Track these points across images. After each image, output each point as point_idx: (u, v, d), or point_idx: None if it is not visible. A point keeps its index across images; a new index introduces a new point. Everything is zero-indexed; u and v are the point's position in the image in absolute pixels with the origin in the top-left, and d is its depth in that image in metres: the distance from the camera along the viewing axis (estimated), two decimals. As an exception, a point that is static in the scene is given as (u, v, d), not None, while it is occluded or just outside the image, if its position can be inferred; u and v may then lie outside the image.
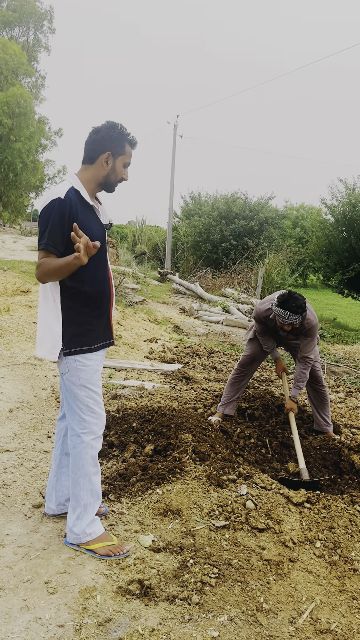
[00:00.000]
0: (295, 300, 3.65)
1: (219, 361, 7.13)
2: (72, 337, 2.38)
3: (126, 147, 2.42)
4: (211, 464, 3.27)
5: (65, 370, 2.42)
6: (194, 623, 2.11)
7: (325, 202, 15.30)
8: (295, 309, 3.64)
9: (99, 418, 2.50)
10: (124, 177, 2.48)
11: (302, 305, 3.65)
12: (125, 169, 2.47)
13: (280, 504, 2.93)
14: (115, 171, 2.43)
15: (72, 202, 2.27)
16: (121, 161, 2.43)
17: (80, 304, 2.39)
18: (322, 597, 2.32)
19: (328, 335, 11.26)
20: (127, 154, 2.44)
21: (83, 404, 2.43)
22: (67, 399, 2.48)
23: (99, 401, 2.49)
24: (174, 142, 24.90)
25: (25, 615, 2.09)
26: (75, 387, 2.42)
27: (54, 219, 2.22)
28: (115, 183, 2.47)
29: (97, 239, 2.38)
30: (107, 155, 2.38)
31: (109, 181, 2.44)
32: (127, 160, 2.45)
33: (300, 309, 3.64)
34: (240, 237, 21.06)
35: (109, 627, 2.06)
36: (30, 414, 4.25)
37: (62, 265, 2.16)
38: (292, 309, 3.64)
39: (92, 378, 2.44)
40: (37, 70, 31.80)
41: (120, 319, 8.74)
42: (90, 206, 2.40)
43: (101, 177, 2.42)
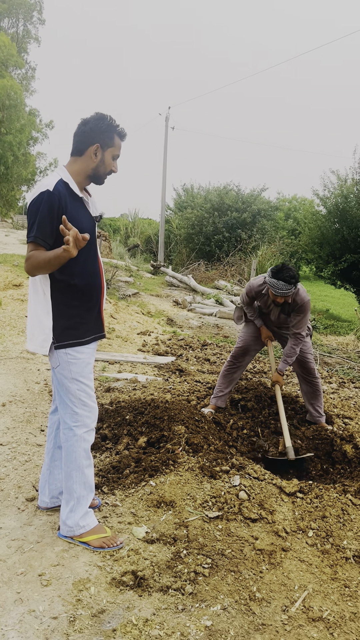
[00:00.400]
0: (289, 270, 3.65)
1: (212, 353, 7.14)
2: (62, 330, 2.37)
3: (115, 139, 2.40)
4: (204, 455, 3.28)
5: (57, 363, 2.41)
6: (188, 613, 2.13)
7: (318, 193, 15.28)
8: (289, 279, 3.63)
9: (91, 411, 2.49)
10: (113, 170, 2.46)
11: (296, 275, 3.65)
12: (114, 161, 2.45)
13: (273, 494, 2.95)
14: (104, 163, 2.40)
15: (61, 194, 2.26)
16: (110, 153, 2.40)
17: (70, 297, 2.38)
18: (314, 585, 2.34)
19: (321, 327, 11.29)
20: (116, 146, 2.41)
21: (75, 397, 2.43)
22: (59, 392, 2.47)
23: (90, 394, 2.48)
24: (165, 134, 24.78)
25: (19, 607, 2.09)
26: (67, 381, 2.41)
27: (43, 211, 2.20)
28: (104, 175, 2.45)
29: (87, 231, 2.37)
30: (95, 147, 2.35)
31: (98, 173, 2.42)
32: (116, 153, 2.43)
33: (294, 279, 3.64)
34: (233, 229, 21.05)
35: (102, 618, 2.07)
36: (23, 408, 4.24)
37: (51, 258, 2.15)
38: (285, 279, 3.63)
39: (84, 371, 2.44)
40: (27, 62, 31.45)
41: (113, 312, 8.73)
42: (79, 198, 2.38)
43: (90, 170, 2.39)
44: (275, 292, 3.72)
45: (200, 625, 2.06)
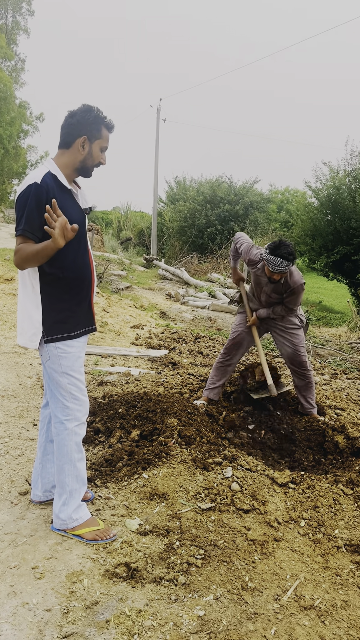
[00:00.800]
0: (287, 247, 3.63)
1: (205, 346, 7.15)
2: (52, 324, 2.36)
3: (103, 130, 2.38)
4: (197, 447, 3.29)
5: (47, 357, 2.41)
6: (180, 603, 2.15)
7: (310, 185, 15.28)
8: (287, 255, 3.62)
9: (82, 405, 2.49)
10: (101, 162, 2.44)
11: (293, 252, 3.64)
12: (102, 153, 2.43)
13: (265, 485, 2.97)
14: (92, 155, 2.39)
15: (49, 186, 2.24)
16: (98, 145, 2.39)
17: (60, 291, 2.37)
18: (306, 574, 2.37)
19: (314, 318, 11.33)
20: (103, 138, 2.40)
21: (65, 391, 2.43)
22: (50, 386, 2.47)
23: (81, 388, 2.48)
24: (157, 125, 24.66)
25: (12, 600, 2.10)
26: (57, 375, 2.41)
27: (31, 204, 2.19)
28: (92, 168, 2.43)
29: (77, 223, 2.36)
30: (83, 139, 2.34)
31: (86, 166, 2.40)
32: (104, 144, 2.41)
33: (292, 255, 3.63)
34: (226, 221, 21.03)
35: (96, 610, 2.09)
36: (16, 402, 4.24)
37: (39, 250, 2.14)
38: (283, 255, 3.62)
39: (74, 365, 2.44)
40: (16, 54, 31.13)
41: (106, 305, 8.71)
42: (68, 190, 2.37)
43: (78, 162, 2.38)
44: (273, 269, 3.70)
45: (193, 615, 2.08)
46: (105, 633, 1.96)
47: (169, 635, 1.97)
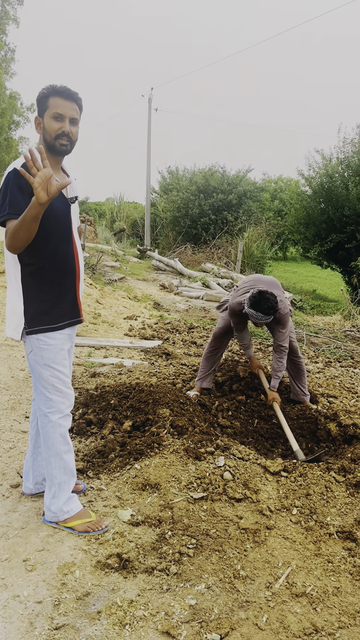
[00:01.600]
0: (267, 301, 3.59)
1: (199, 336, 7.14)
2: (33, 315, 2.33)
3: (50, 100, 2.25)
4: (189, 437, 3.28)
5: (30, 349, 2.38)
6: (172, 593, 2.14)
7: (303, 173, 15.24)
8: (267, 310, 3.59)
9: (66, 397, 2.47)
10: (63, 130, 2.27)
11: (274, 305, 3.59)
12: (59, 121, 2.26)
13: (257, 473, 2.97)
14: (46, 129, 2.27)
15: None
16: (48, 116, 2.26)
17: (40, 282, 2.33)
18: (298, 561, 2.37)
19: (308, 307, 11.34)
20: (51, 106, 2.25)
21: (48, 383, 2.41)
22: (33, 379, 2.45)
23: (64, 380, 2.45)
24: (149, 115, 24.48)
25: (3, 593, 2.09)
26: (40, 367, 2.38)
27: (12, 187, 2.13)
28: (54, 142, 2.29)
29: (59, 212, 2.32)
30: (37, 120, 2.30)
31: (47, 142, 2.29)
32: (53, 111, 2.25)
33: (272, 309, 3.60)
34: (219, 211, 20.94)
35: (87, 601, 2.08)
36: (8, 395, 4.22)
37: (24, 216, 2.03)
38: (263, 310, 3.60)
39: (57, 357, 2.40)
40: (6, 44, 30.73)
41: (99, 297, 8.68)
42: None
43: (44, 143, 2.31)
44: (255, 321, 3.71)
45: (184, 605, 2.08)
46: (96, 624, 1.96)
47: (160, 625, 1.97)
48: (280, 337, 3.94)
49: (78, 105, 2.33)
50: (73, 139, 2.33)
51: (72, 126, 2.30)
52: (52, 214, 2.27)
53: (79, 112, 2.35)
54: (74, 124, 2.32)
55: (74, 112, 2.30)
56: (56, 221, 2.32)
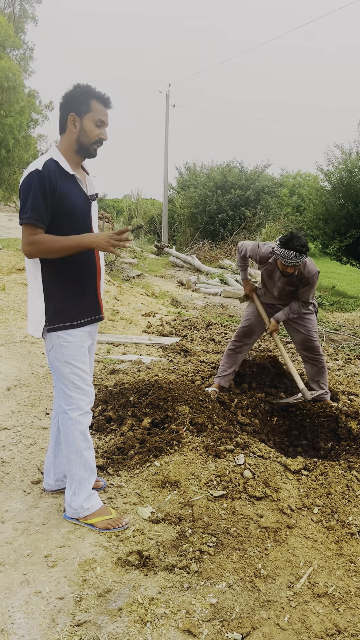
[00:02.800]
0: (299, 239, 3.56)
1: (217, 333, 7.12)
2: (54, 313, 2.34)
3: (92, 103, 2.27)
4: (208, 435, 3.27)
5: (50, 346, 2.39)
6: (193, 591, 2.14)
7: (322, 168, 15.07)
8: (300, 247, 3.55)
9: (86, 394, 2.47)
10: (101, 137, 2.32)
11: (306, 244, 3.57)
12: (98, 127, 2.31)
13: (277, 472, 2.95)
14: (85, 131, 2.28)
15: (51, 172, 2.20)
16: (89, 120, 2.28)
17: (61, 279, 2.34)
18: (319, 561, 2.35)
19: (327, 304, 11.22)
20: (94, 111, 2.28)
21: (68, 380, 2.41)
22: (53, 376, 2.47)
23: (84, 377, 2.46)
24: (166, 112, 24.42)
25: (25, 589, 2.11)
26: (60, 364, 2.39)
27: (35, 191, 2.15)
28: (90, 146, 2.32)
29: (80, 209, 2.32)
30: (72, 117, 2.27)
31: (83, 144, 2.31)
32: (96, 117, 2.28)
33: (305, 247, 3.56)
34: (237, 207, 20.83)
35: (108, 598, 2.09)
36: (28, 392, 4.25)
37: (71, 247, 2.18)
38: (296, 248, 3.55)
39: (77, 354, 2.41)
40: (24, 42, 30.87)
41: (117, 294, 8.70)
42: (71, 176, 2.32)
43: (74, 142, 2.30)
44: (286, 262, 3.63)
45: (205, 603, 2.07)
46: (117, 621, 1.96)
47: (181, 622, 1.96)
48: (306, 295, 3.91)
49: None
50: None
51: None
52: (73, 211, 2.28)
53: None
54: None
55: (108, 120, 2.36)
56: (77, 219, 2.33)
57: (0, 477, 2.96)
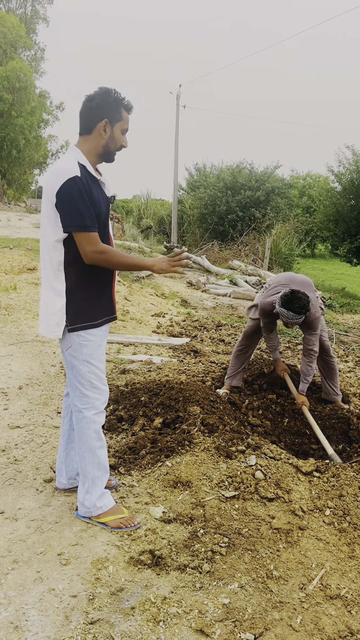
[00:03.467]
0: (299, 300, 3.56)
1: (227, 334, 7.12)
2: (75, 313, 2.36)
3: (122, 112, 2.33)
4: (220, 435, 3.28)
5: (68, 345, 2.40)
6: (205, 591, 2.15)
7: (332, 169, 15.05)
8: (299, 309, 3.56)
9: (101, 393, 2.49)
10: (123, 144, 2.40)
11: (306, 305, 3.56)
12: (123, 135, 2.39)
13: (289, 473, 2.94)
14: (114, 139, 2.35)
15: (84, 178, 2.23)
16: (119, 128, 2.34)
17: (81, 280, 2.36)
18: (331, 563, 2.34)
19: (337, 305, 11.18)
20: (124, 120, 2.35)
21: (85, 379, 2.43)
22: (69, 375, 2.48)
23: (100, 377, 2.48)
24: (177, 112, 24.44)
25: (39, 586, 2.13)
26: (78, 363, 2.41)
27: (82, 197, 2.19)
28: (114, 152, 2.40)
29: (104, 212, 2.36)
30: (104, 123, 2.30)
31: (109, 150, 2.37)
32: (125, 126, 2.37)
33: (304, 309, 3.56)
34: (247, 208, 20.81)
35: (121, 596, 2.10)
36: (40, 391, 4.28)
37: (134, 265, 2.35)
38: (295, 309, 3.56)
39: (95, 353, 2.43)
40: (36, 43, 31.06)
41: (127, 294, 8.72)
42: (96, 180, 2.34)
43: (100, 147, 2.34)
44: (286, 321, 3.67)
45: (217, 603, 2.07)
46: (130, 619, 1.97)
47: (194, 622, 1.97)
48: (310, 341, 3.90)
49: None
50: None
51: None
52: (99, 216, 2.32)
53: None
54: None
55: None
56: (101, 222, 2.37)
57: (13, 475, 2.98)
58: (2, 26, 25.91)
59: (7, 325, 6.20)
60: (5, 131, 26.01)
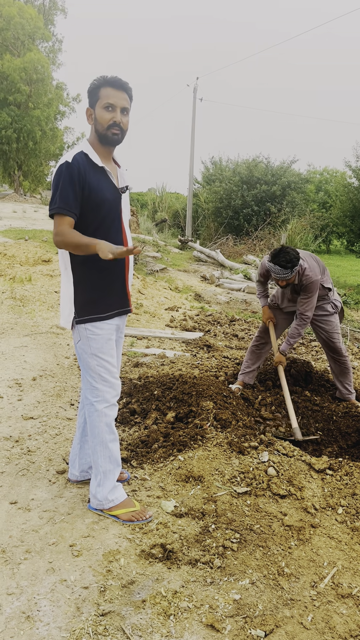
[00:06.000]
0: (286, 254, 3.55)
1: (241, 329, 7.09)
2: (83, 305, 2.36)
3: (101, 91, 2.26)
4: (232, 431, 3.27)
5: (78, 338, 2.41)
6: (216, 586, 2.15)
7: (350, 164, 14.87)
8: (285, 263, 3.54)
9: (112, 386, 2.49)
10: (114, 120, 2.28)
11: (293, 259, 3.54)
12: (111, 112, 2.27)
13: (302, 470, 2.93)
14: (98, 120, 2.29)
15: (81, 164, 2.22)
16: (99, 107, 2.27)
17: (90, 271, 2.35)
18: (343, 562, 2.33)
19: (352, 302, 11.09)
20: (102, 97, 2.27)
21: (95, 373, 2.43)
22: (81, 367, 2.49)
23: (111, 370, 2.47)
24: (193, 105, 24.32)
25: (51, 577, 2.14)
26: (87, 356, 2.41)
27: (64, 181, 2.18)
28: (105, 132, 2.30)
29: (109, 201, 2.33)
30: (88, 111, 2.33)
31: (99, 132, 2.31)
32: (105, 102, 2.26)
33: (290, 263, 3.54)
34: (262, 202, 20.69)
35: (132, 589, 2.11)
36: (53, 382, 4.30)
37: (81, 245, 2.14)
38: (281, 263, 3.55)
39: (104, 347, 2.43)
40: (53, 34, 31.03)
41: (141, 287, 8.73)
42: (100, 168, 2.32)
43: (94, 133, 2.34)
44: (275, 276, 3.66)
45: (228, 599, 2.07)
46: (141, 612, 1.98)
47: (204, 617, 1.97)
48: (304, 307, 3.83)
49: (128, 95, 2.34)
50: (124, 128, 2.34)
51: (123, 116, 2.32)
52: (102, 203, 2.30)
53: (130, 102, 2.36)
54: (125, 114, 2.33)
55: (124, 101, 2.31)
56: (107, 211, 2.34)
57: (26, 465, 3.01)
58: (20, 17, 25.92)
59: (22, 317, 6.23)
60: (22, 122, 26.10)
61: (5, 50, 26.20)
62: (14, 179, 29.53)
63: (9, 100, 25.83)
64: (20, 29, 26.08)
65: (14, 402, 3.84)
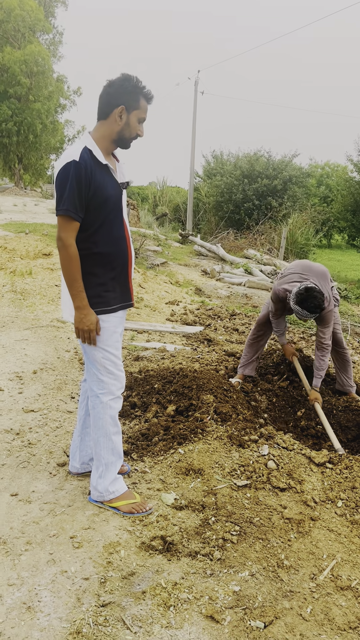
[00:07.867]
0: (314, 299, 3.50)
1: (241, 323, 7.09)
2: (89, 298, 2.36)
3: (141, 101, 2.30)
4: (233, 424, 3.28)
5: None
6: (216, 578, 2.16)
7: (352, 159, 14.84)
8: (314, 309, 3.51)
9: (117, 379, 2.50)
10: (139, 133, 2.37)
11: (321, 304, 3.50)
12: (140, 124, 2.36)
13: (302, 464, 2.94)
14: (130, 126, 2.32)
15: (87, 163, 2.21)
16: (135, 116, 2.31)
17: (94, 265, 2.35)
18: (343, 554, 2.34)
19: (352, 297, 11.08)
20: (141, 109, 2.32)
21: (100, 365, 2.44)
22: (86, 360, 2.49)
23: (116, 362, 2.48)
24: (195, 98, 24.23)
25: (51, 568, 2.15)
26: (92, 349, 2.42)
27: (72, 183, 2.17)
28: (129, 139, 2.37)
29: (112, 198, 2.33)
30: (120, 109, 2.27)
31: (124, 137, 2.34)
32: (142, 115, 2.34)
33: (319, 308, 3.51)
34: (264, 196, 20.62)
35: (132, 581, 2.12)
36: (54, 375, 4.31)
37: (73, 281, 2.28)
38: (310, 308, 3.52)
39: (109, 340, 2.43)
40: (54, 27, 30.84)
41: (141, 281, 8.72)
42: (104, 165, 2.32)
43: (115, 133, 2.32)
44: (299, 317, 3.63)
45: (228, 590, 2.09)
46: (141, 604, 1.99)
47: (204, 608, 1.98)
48: (323, 335, 3.83)
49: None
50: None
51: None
52: (107, 201, 2.30)
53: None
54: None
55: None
56: (110, 207, 2.34)
57: (27, 458, 3.01)
58: (21, 9, 25.75)
59: (23, 310, 6.24)
60: (22, 115, 25.99)
61: (6, 43, 26.05)
62: (15, 172, 29.46)
63: (10, 93, 25.72)
64: (20, 21, 25.92)
65: (15, 395, 3.85)
